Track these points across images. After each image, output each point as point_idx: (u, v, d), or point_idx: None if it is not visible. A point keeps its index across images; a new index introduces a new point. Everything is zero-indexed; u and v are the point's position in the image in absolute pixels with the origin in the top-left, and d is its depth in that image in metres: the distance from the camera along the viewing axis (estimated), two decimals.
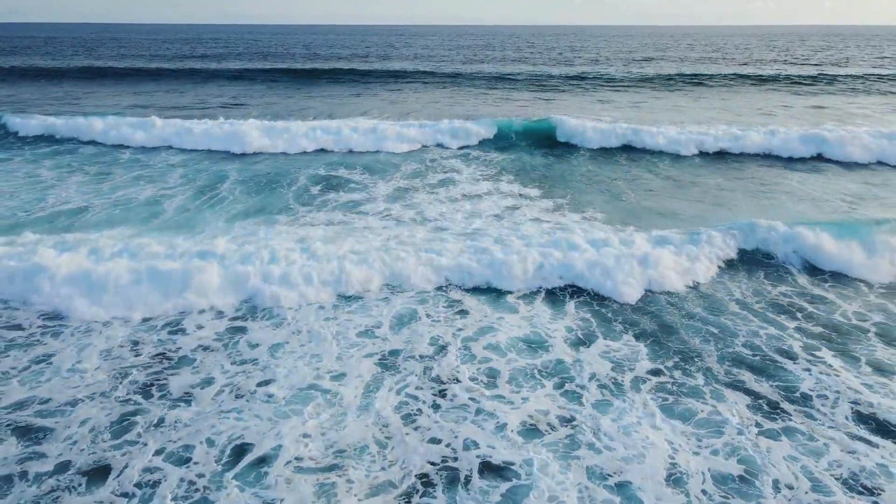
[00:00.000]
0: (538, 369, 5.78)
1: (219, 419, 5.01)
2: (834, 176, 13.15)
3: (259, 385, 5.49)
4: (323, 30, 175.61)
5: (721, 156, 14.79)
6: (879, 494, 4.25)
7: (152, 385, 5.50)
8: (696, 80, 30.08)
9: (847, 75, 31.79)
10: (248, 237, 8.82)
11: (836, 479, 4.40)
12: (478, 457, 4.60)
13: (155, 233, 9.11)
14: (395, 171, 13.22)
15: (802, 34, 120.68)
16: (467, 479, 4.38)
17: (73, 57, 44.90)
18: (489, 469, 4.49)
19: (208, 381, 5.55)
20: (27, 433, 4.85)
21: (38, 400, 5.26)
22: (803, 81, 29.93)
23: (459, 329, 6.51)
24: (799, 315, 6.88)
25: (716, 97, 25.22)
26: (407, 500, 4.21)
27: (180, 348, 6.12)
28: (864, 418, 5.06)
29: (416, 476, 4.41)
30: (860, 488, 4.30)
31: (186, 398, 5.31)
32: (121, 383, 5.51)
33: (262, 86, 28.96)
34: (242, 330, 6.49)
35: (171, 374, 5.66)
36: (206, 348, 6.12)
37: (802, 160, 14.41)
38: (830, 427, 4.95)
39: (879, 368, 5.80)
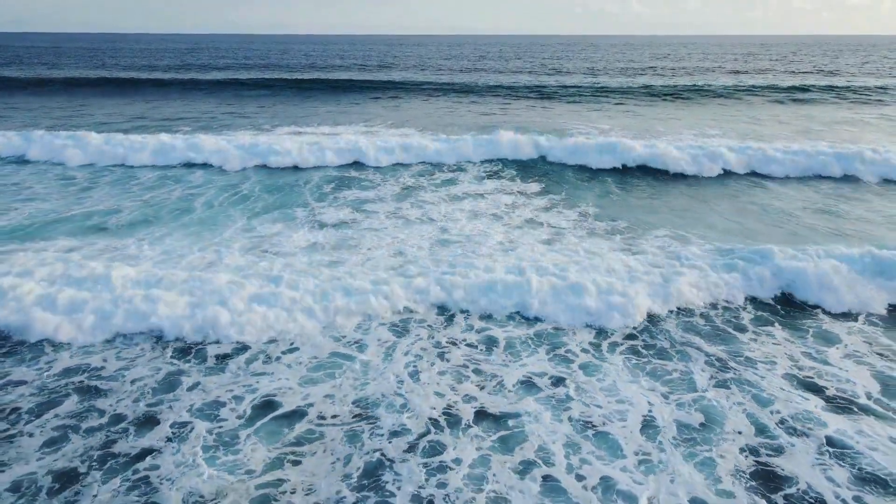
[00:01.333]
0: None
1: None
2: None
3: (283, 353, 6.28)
4: (321, 40, 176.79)
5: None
6: (810, 436, 5.05)
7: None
8: (730, 92, 30.40)
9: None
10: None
11: (778, 424, 5.21)
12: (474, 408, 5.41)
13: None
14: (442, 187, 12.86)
15: (801, 44, 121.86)
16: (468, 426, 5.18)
17: (105, 67, 45.76)
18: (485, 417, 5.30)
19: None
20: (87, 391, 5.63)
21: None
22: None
23: None
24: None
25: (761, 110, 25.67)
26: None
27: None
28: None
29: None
30: (795, 430, 5.10)
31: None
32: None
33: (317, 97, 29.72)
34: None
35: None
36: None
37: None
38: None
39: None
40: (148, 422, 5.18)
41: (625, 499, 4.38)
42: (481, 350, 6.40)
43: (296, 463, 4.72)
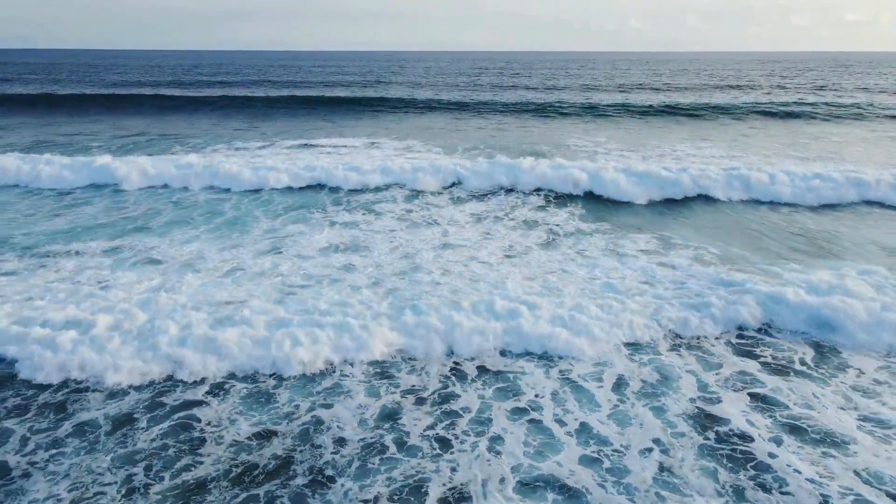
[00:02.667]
0: None
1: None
2: None
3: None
4: (324, 56, 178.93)
5: None
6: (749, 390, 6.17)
7: None
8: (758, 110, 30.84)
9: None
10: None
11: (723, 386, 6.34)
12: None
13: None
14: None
15: (796, 60, 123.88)
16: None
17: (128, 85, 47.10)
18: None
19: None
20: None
21: None
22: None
23: None
24: None
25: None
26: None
27: None
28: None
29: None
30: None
31: None
32: None
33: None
34: None
35: None
36: None
37: None
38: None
39: None
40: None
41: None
42: None
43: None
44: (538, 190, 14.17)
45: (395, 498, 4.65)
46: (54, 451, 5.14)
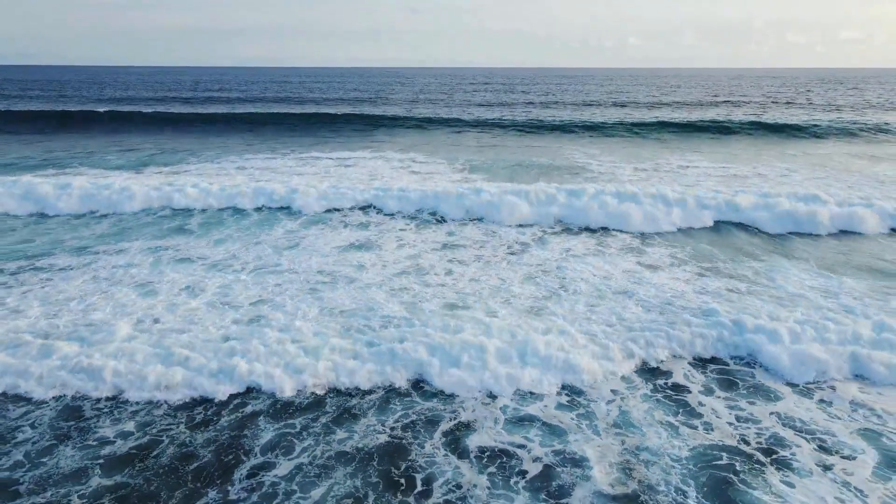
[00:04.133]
0: None
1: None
2: None
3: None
4: (325, 72, 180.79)
5: None
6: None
7: None
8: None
9: None
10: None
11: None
12: None
13: None
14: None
15: (789, 77, 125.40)
16: None
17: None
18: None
19: None
20: None
21: None
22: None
23: None
24: None
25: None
26: None
27: None
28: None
29: None
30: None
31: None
32: None
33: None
34: None
35: None
36: None
37: None
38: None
39: None
40: None
41: None
42: None
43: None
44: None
45: None
46: None
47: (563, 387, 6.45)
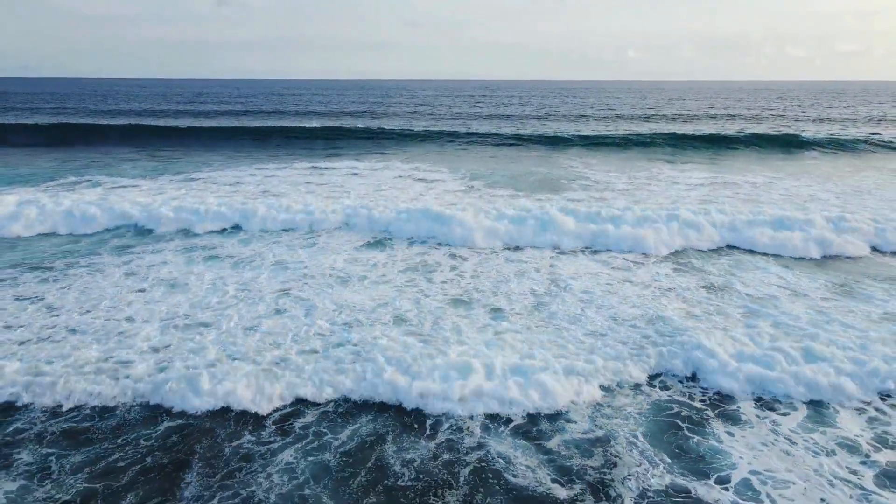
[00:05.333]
0: None
1: None
2: None
3: None
4: (324, 85, 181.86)
5: None
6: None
7: None
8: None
9: None
10: None
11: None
12: None
13: None
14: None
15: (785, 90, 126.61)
16: None
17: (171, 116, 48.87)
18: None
19: None
20: None
21: None
22: None
23: None
24: None
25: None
26: None
27: None
28: None
29: None
30: None
31: None
32: None
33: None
34: None
35: None
36: None
37: None
38: None
39: None
40: None
41: None
42: None
43: None
44: None
45: None
46: None
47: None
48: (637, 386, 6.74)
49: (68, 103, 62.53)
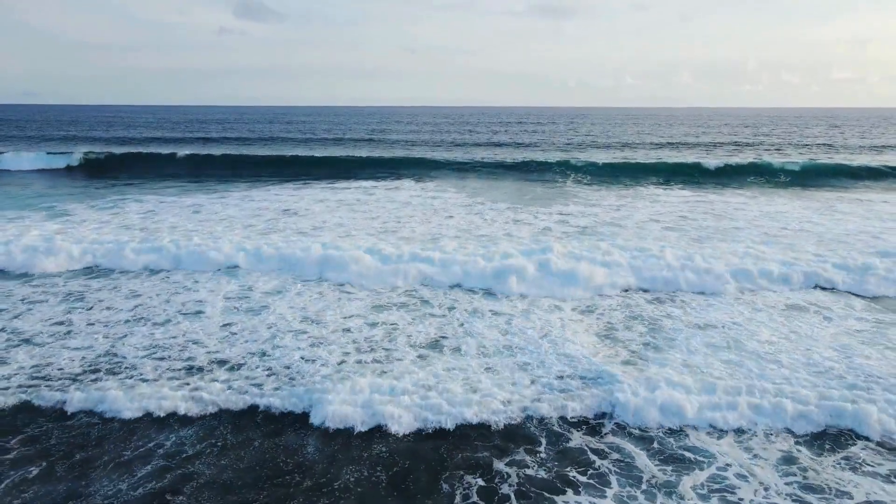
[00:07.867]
0: None
1: None
2: None
3: None
4: (324, 111, 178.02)
5: None
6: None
7: None
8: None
9: None
10: None
11: None
12: None
13: None
14: None
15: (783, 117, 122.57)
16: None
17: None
18: None
19: None
20: None
21: None
22: None
23: None
24: None
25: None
26: None
27: None
28: None
29: None
30: None
31: None
32: None
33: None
34: None
35: None
36: None
37: None
38: None
39: None
40: None
41: None
42: None
43: None
44: None
45: None
46: None
47: None
48: None
49: (72, 129, 62.84)
